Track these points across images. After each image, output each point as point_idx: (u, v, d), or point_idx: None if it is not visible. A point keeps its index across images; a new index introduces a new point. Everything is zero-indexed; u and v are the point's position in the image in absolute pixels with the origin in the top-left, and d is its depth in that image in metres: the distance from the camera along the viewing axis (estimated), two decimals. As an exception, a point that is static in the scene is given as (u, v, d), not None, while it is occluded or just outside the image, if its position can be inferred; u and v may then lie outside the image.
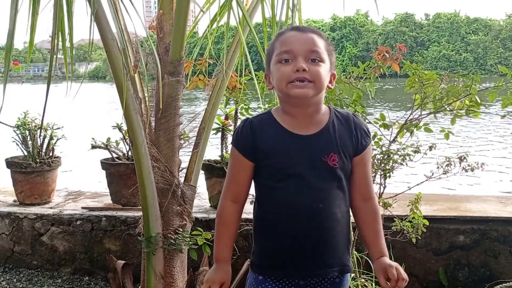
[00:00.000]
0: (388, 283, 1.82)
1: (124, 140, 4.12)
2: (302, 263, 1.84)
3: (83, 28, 2.38)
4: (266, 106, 3.35)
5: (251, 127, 1.85)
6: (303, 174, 1.79)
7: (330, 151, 1.80)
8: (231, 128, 3.92)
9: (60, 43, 2.37)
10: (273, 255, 1.86)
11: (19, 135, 4.22)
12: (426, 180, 3.19)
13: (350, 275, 1.99)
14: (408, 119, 3.16)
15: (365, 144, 1.87)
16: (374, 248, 1.91)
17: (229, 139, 4.01)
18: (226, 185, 1.92)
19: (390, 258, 3.35)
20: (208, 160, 3.82)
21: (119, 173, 4.04)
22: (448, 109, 3.12)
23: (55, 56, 2.35)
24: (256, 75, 3.10)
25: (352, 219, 1.96)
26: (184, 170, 2.98)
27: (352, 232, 1.97)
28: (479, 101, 3.05)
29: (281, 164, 1.80)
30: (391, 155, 3.04)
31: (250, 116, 1.97)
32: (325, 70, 1.78)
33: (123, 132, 4.02)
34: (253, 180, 1.89)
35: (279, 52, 1.79)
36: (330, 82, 1.85)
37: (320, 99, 1.83)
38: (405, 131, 3.14)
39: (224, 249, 1.93)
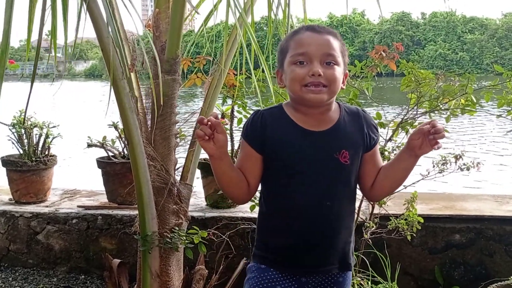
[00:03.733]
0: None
1: (120, 139, 4.12)
2: (306, 260, 1.83)
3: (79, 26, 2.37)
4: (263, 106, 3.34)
5: (262, 119, 1.83)
6: (313, 170, 1.79)
7: (341, 148, 1.80)
8: (227, 126, 3.91)
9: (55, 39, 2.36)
10: (277, 250, 1.85)
11: (15, 134, 4.21)
12: (422, 179, 3.20)
13: (351, 276, 1.98)
14: (404, 118, 3.17)
15: (376, 139, 1.88)
16: (397, 159, 1.87)
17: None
18: None
19: (386, 257, 3.38)
20: (204, 159, 3.81)
21: (115, 171, 4.03)
22: (443, 108, 3.13)
23: (50, 54, 2.34)
24: (253, 73, 3.09)
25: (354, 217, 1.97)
26: (180, 169, 2.98)
27: (354, 231, 1.97)
28: (474, 100, 3.06)
29: (291, 159, 1.79)
30: (386, 153, 3.05)
31: (249, 114, 1.96)
32: (339, 73, 1.78)
33: (119, 130, 4.01)
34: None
35: (294, 54, 1.77)
36: (342, 82, 1.85)
37: (333, 100, 1.83)
38: (400, 130, 3.14)
39: None
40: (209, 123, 1.68)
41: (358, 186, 1.93)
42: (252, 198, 2.27)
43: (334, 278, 1.87)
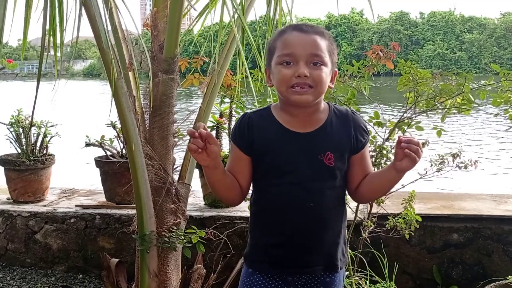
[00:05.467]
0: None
1: (118, 138, 4.11)
2: (291, 260, 1.85)
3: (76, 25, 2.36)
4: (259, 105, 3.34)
5: (249, 122, 1.85)
6: (298, 172, 1.80)
7: (326, 150, 1.80)
8: (226, 126, 3.92)
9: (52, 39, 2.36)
10: (263, 250, 1.88)
11: (13, 133, 4.20)
12: (420, 178, 3.20)
13: (344, 276, 1.98)
14: (402, 117, 3.17)
15: (363, 142, 1.87)
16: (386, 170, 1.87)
17: (224, 137, 4.00)
18: None
19: (384, 256, 3.38)
20: (202, 158, 3.80)
21: (113, 171, 4.03)
22: (441, 107, 3.13)
23: (48, 53, 2.34)
24: (251, 73, 3.10)
25: (348, 217, 1.97)
26: (179, 168, 2.98)
27: (346, 230, 1.97)
28: (472, 98, 3.06)
29: (277, 161, 1.81)
30: (384, 151, 3.05)
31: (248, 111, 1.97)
32: (326, 73, 1.77)
33: (117, 130, 4.01)
34: None
35: (280, 54, 1.78)
36: (331, 81, 1.85)
37: (320, 100, 1.83)
38: (397, 129, 3.14)
39: None
40: (200, 135, 1.70)
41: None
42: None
43: (320, 278, 1.88)
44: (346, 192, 1.95)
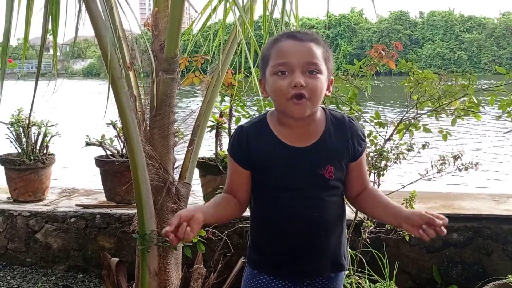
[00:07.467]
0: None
1: (118, 138, 4.12)
2: (296, 267, 1.86)
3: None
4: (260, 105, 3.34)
5: (246, 136, 1.82)
6: (299, 186, 1.78)
7: (326, 164, 1.78)
8: (226, 125, 3.92)
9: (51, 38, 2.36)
10: (268, 256, 1.88)
11: (13, 132, 4.21)
12: (420, 178, 3.20)
13: (344, 273, 1.99)
14: (404, 118, 3.17)
15: (361, 150, 1.85)
16: (391, 212, 1.80)
17: (224, 136, 4.00)
18: (225, 188, 1.90)
19: (384, 256, 3.38)
20: (202, 158, 3.81)
21: (114, 170, 4.03)
22: (445, 109, 3.12)
23: (48, 53, 2.35)
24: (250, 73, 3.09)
25: (348, 217, 1.98)
26: (179, 168, 2.98)
27: (346, 228, 1.98)
28: (476, 101, 3.05)
29: (277, 176, 1.79)
30: (385, 154, 3.05)
31: (243, 122, 1.95)
32: (322, 82, 1.72)
33: (118, 129, 4.01)
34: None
35: (274, 64, 1.72)
36: (328, 89, 1.79)
37: (316, 109, 1.78)
38: (404, 130, 3.13)
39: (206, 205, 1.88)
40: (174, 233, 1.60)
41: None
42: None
43: (325, 276, 1.90)
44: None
